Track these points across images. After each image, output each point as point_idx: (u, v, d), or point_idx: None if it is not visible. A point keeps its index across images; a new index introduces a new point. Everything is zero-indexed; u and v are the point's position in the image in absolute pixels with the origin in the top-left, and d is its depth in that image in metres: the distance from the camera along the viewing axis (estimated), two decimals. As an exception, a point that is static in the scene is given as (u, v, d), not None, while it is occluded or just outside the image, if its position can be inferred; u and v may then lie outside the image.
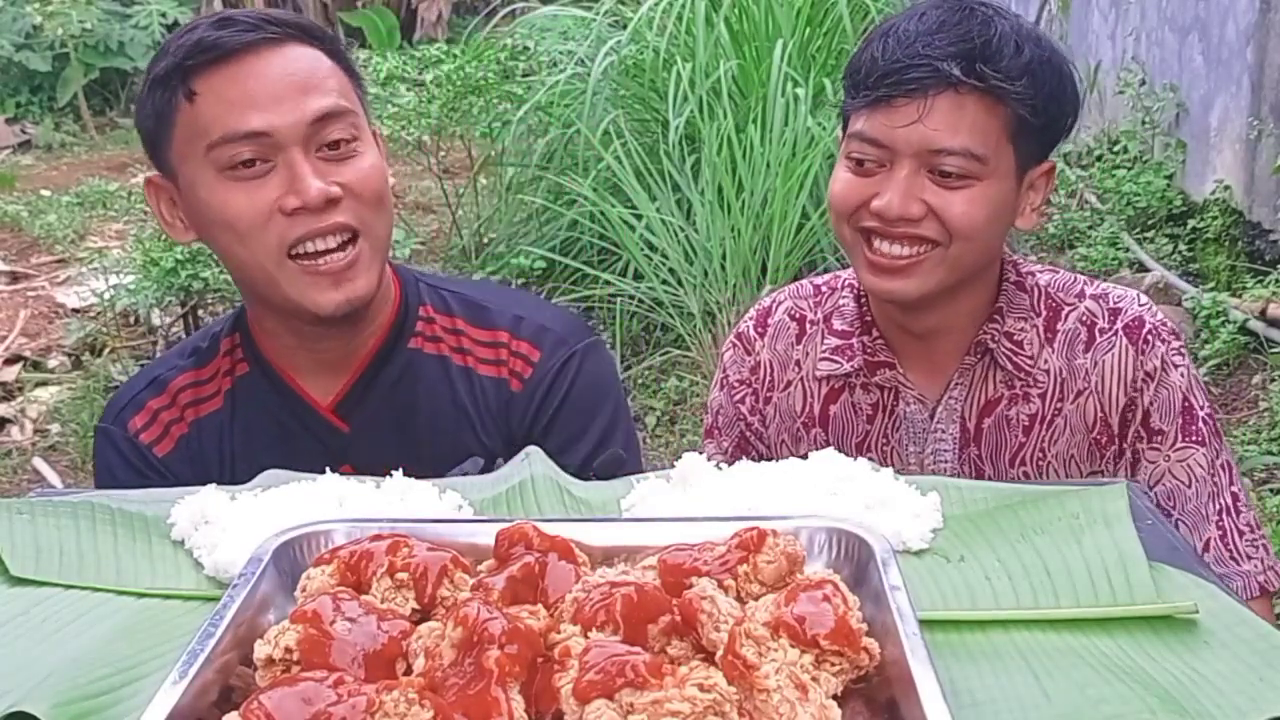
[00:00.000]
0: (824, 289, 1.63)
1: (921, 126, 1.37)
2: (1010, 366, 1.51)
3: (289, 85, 1.30)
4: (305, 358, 1.44)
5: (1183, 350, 1.53)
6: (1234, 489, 1.51)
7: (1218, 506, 1.49)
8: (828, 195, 1.49)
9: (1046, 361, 1.51)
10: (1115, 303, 1.53)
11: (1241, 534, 1.50)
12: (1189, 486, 1.50)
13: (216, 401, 1.47)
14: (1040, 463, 1.52)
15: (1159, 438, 1.50)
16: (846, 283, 1.61)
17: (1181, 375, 1.50)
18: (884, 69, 1.39)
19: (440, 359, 1.47)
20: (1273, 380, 3.68)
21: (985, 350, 1.51)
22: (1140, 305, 1.53)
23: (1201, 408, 1.51)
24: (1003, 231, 1.47)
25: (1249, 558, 1.49)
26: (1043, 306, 1.53)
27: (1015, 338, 1.50)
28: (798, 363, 1.61)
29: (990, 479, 1.51)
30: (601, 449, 1.47)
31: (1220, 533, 1.49)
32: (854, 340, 1.56)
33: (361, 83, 1.40)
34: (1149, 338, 1.50)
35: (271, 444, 1.42)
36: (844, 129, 1.48)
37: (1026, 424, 1.52)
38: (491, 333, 1.49)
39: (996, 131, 1.39)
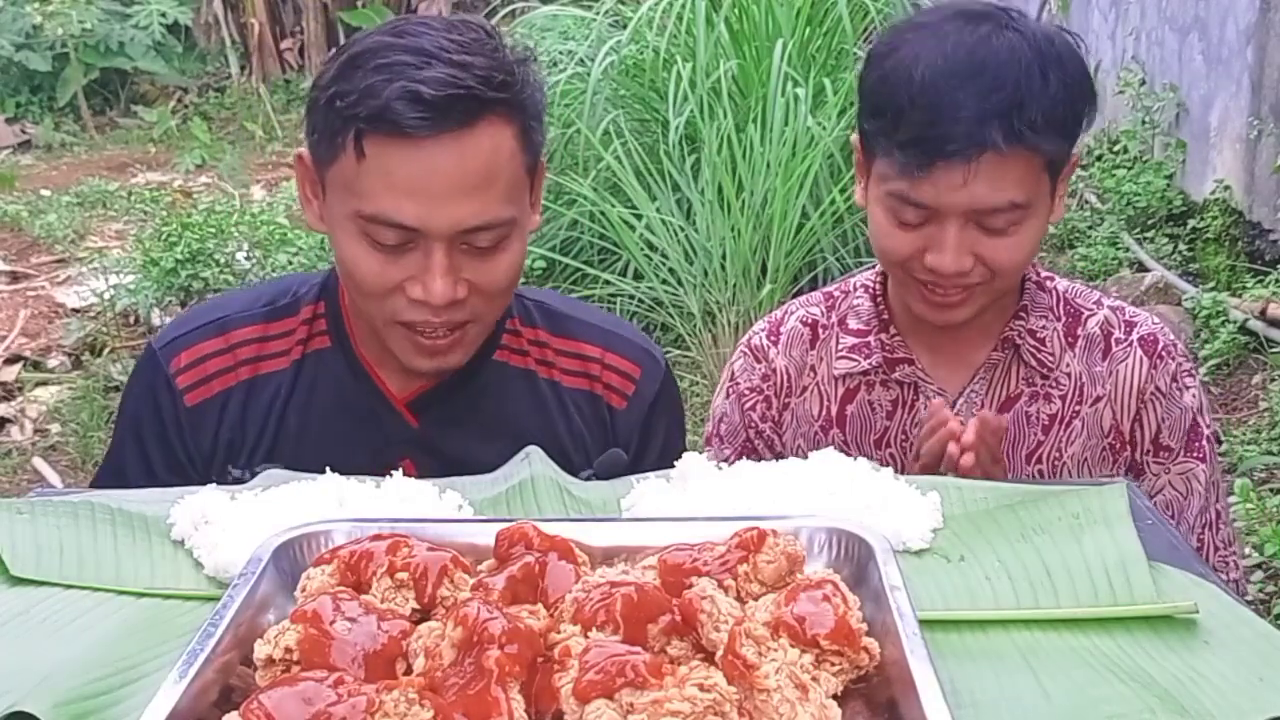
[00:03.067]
0: (835, 294, 1.64)
1: (967, 190, 1.37)
2: (1034, 363, 1.54)
3: (458, 186, 1.25)
4: (392, 357, 1.42)
5: (1193, 371, 1.58)
6: (1218, 506, 1.59)
7: (1204, 521, 1.57)
8: (874, 244, 1.49)
9: (1068, 364, 1.55)
10: (1130, 316, 1.57)
11: (1217, 549, 1.58)
12: (1186, 498, 1.56)
13: (282, 362, 1.43)
14: (1056, 462, 1.55)
15: (1165, 453, 1.56)
16: (859, 284, 1.62)
17: (1193, 396, 1.56)
18: (921, 132, 1.36)
19: (526, 373, 1.47)
20: (1273, 380, 3.68)
21: (1012, 346, 1.54)
22: (1154, 324, 1.57)
23: (1207, 426, 1.57)
24: (1041, 241, 1.51)
25: (1217, 571, 1.57)
26: (1062, 311, 1.56)
27: (1038, 335, 1.54)
28: (812, 367, 1.62)
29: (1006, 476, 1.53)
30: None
31: (1199, 545, 1.55)
32: (871, 338, 1.57)
33: (540, 144, 1.34)
34: (1163, 354, 1.55)
35: (332, 422, 1.40)
36: (863, 147, 1.47)
37: (1046, 423, 1.54)
38: (574, 344, 1.49)
39: (1036, 171, 1.40)
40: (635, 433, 1.48)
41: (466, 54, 1.25)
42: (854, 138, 1.50)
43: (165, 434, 1.42)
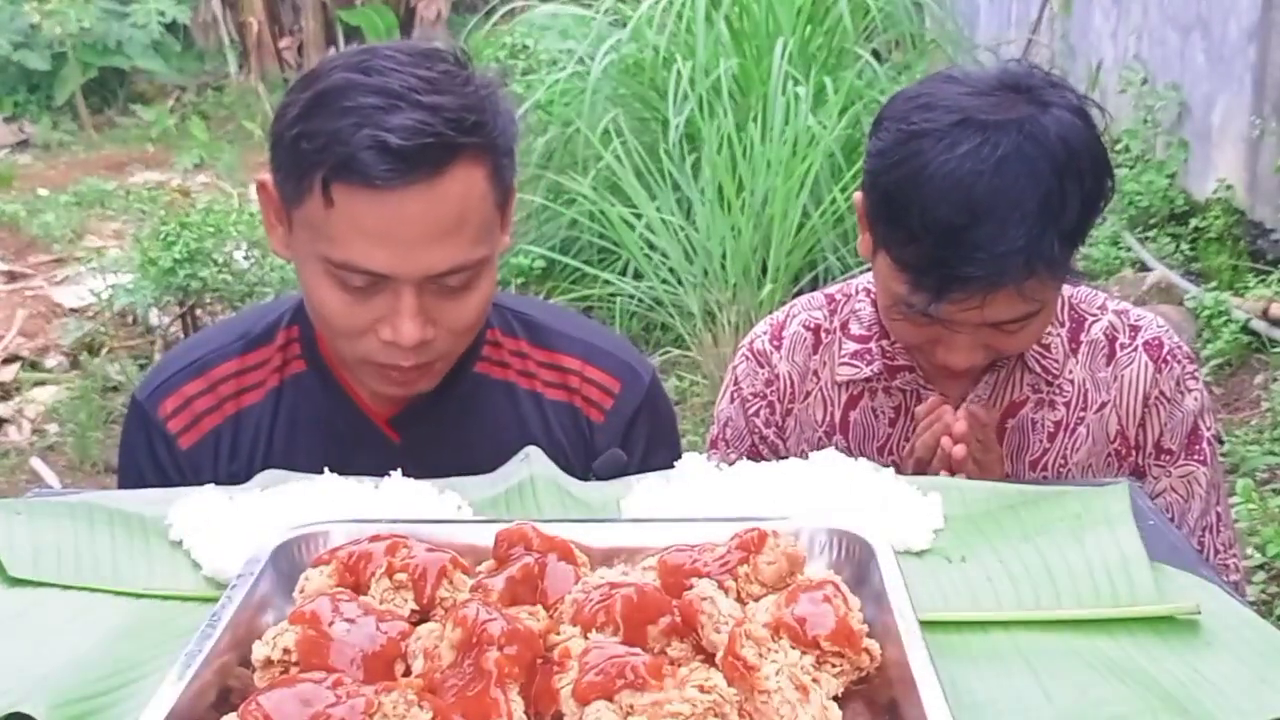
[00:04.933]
0: (837, 297, 1.62)
1: (980, 314, 1.34)
2: (1039, 370, 1.52)
3: (427, 233, 1.22)
4: None
5: (1197, 374, 1.56)
6: (1219, 509, 1.57)
7: (1205, 524, 1.56)
8: (880, 310, 1.48)
9: (1071, 371, 1.53)
10: (1135, 320, 1.55)
11: (1218, 552, 1.57)
12: (1187, 502, 1.55)
13: (259, 394, 1.44)
14: (1061, 469, 1.54)
15: (1166, 457, 1.55)
16: (861, 288, 1.60)
17: (1195, 399, 1.54)
18: (932, 268, 1.31)
19: (506, 385, 1.46)
20: (1275, 380, 3.68)
21: (1018, 355, 1.52)
22: (1159, 327, 1.55)
23: (1208, 429, 1.56)
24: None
25: (1217, 573, 1.55)
26: (1066, 316, 1.54)
27: (1043, 341, 1.51)
28: (815, 373, 1.60)
29: (1009, 480, 1.52)
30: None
31: (1200, 548, 1.54)
32: (872, 344, 1.56)
33: (511, 176, 1.32)
34: (1168, 358, 1.53)
35: (316, 446, 1.39)
36: (867, 219, 1.42)
37: (1051, 430, 1.53)
38: (552, 355, 1.48)
39: (1052, 280, 1.36)
40: (614, 447, 1.46)
41: (436, 93, 1.22)
42: (858, 197, 1.44)
43: (171, 481, 1.41)
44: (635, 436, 1.48)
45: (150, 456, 1.43)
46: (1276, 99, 4.14)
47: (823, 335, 1.60)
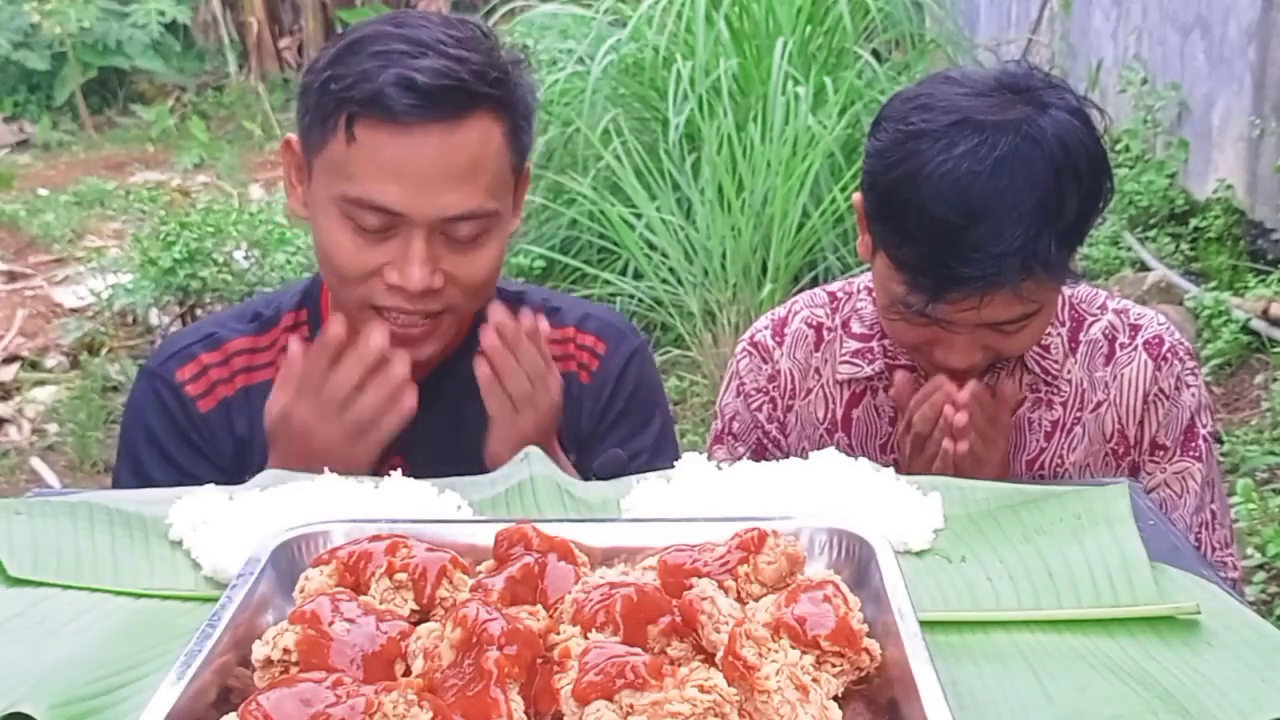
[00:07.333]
0: (839, 295, 1.63)
1: (978, 314, 1.35)
2: (1038, 370, 1.52)
3: (444, 174, 1.26)
4: None
5: (1196, 370, 1.57)
6: (1214, 506, 1.57)
7: (1200, 520, 1.56)
8: (878, 308, 1.48)
9: (1070, 371, 1.54)
10: (1136, 319, 1.55)
11: (1214, 549, 1.57)
12: (1181, 497, 1.55)
13: (270, 372, 1.45)
14: (1058, 469, 1.54)
15: (1160, 452, 1.55)
16: (863, 286, 1.61)
17: (1192, 395, 1.54)
18: (930, 268, 1.32)
19: None
20: (1274, 380, 3.68)
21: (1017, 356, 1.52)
22: (1159, 324, 1.56)
23: (1204, 425, 1.56)
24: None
25: (1214, 570, 1.55)
26: (1066, 316, 1.55)
27: (1043, 342, 1.52)
28: (817, 370, 1.61)
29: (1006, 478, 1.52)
30: (662, 442, 1.51)
31: (1197, 545, 1.54)
32: (874, 343, 1.56)
33: (528, 145, 1.35)
34: (1168, 356, 1.53)
35: None
36: (866, 221, 1.43)
37: (1049, 430, 1.54)
38: (560, 330, 1.51)
39: (1050, 282, 1.36)
40: (600, 408, 1.49)
41: (462, 49, 1.28)
42: (857, 198, 1.44)
43: (187, 435, 1.42)
44: (619, 392, 1.50)
45: (165, 418, 1.43)
46: (1276, 99, 4.14)
47: (824, 333, 1.61)
